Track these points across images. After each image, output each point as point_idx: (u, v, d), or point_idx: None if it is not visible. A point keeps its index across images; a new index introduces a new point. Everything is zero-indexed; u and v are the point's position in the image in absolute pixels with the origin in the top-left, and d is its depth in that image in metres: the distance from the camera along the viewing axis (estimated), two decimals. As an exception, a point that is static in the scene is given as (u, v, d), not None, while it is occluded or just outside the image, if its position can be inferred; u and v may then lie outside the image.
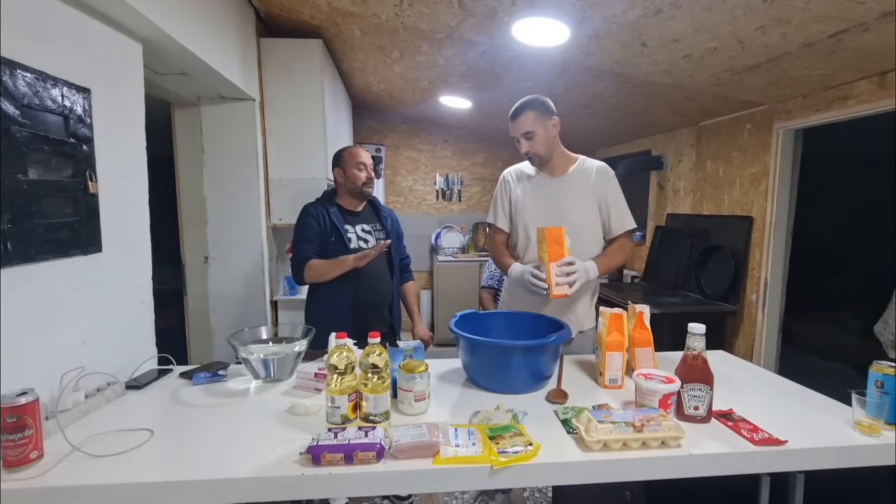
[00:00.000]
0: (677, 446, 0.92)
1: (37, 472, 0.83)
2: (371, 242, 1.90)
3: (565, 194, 1.59)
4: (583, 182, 1.59)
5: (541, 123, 1.52)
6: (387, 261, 1.94)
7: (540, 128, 1.52)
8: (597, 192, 1.59)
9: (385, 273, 1.93)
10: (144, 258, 1.40)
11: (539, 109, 1.52)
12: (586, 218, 1.59)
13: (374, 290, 1.87)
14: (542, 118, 1.52)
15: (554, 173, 1.62)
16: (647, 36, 1.89)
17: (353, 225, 1.89)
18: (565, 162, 1.62)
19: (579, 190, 1.59)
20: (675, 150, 3.55)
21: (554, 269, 1.38)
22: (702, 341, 1.05)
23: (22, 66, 0.97)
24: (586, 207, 1.59)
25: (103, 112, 1.21)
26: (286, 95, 2.41)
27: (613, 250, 1.60)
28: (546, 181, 1.63)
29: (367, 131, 4.54)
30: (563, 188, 1.60)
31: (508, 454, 0.87)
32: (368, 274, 1.83)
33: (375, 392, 1.00)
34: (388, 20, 2.12)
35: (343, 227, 1.85)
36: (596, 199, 1.59)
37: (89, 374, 1.10)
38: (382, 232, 1.96)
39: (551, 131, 1.55)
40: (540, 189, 1.63)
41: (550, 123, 1.54)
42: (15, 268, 0.94)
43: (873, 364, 1.00)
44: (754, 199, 2.78)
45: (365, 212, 1.96)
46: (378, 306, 1.90)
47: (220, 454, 0.91)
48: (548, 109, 1.54)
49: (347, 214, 1.90)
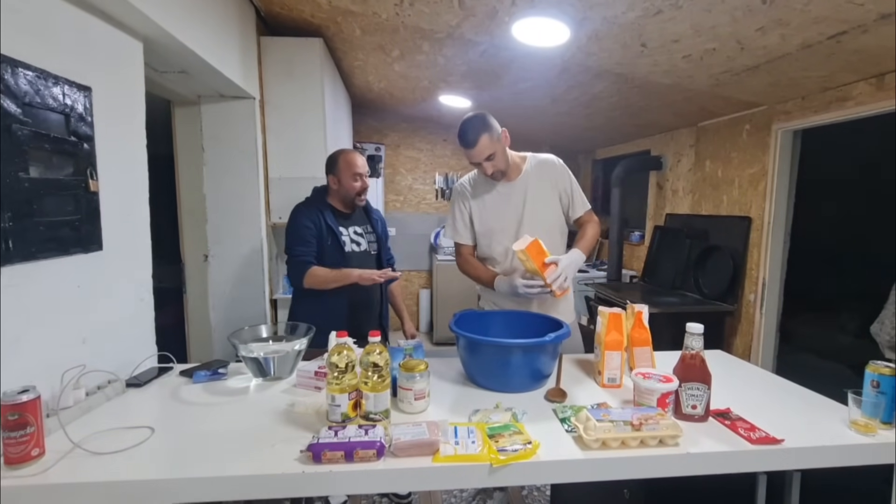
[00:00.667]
0: (675, 445, 0.93)
1: (38, 470, 0.83)
2: (363, 245, 1.89)
3: (526, 195, 1.62)
4: (539, 178, 1.64)
5: (496, 142, 1.53)
6: (376, 263, 1.94)
7: (497, 146, 1.54)
8: (554, 184, 1.64)
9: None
10: (145, 256, 1.41)
11: (489, 131, 1.52)
12: (550, 212, 1.64)
13: (367, 293, 1.85)
14: (494, 136, 1.53)
15: (510, 178, 1.64)
16: (647, 36, 1.90)
17: (347, 227, 1.88)
18: (518, 165, 1.65)
19: (538, 187, 1.63)
20: (674, 151, 3.56)
21: (548, 273, 1.41)
22: (700, 341, 1.05)
23: (23, 65, 0.97)
24: (548, 201, 1.64)
25: (104, 110, 1.21)
26: (286, 94, 2.41)
27: (586, 231, 1.65)
28: (505, 187, 1.64)
29: (366, 130, 4.54)
30: (523, 189, 1.63)
31: (508, 452, 0.88)
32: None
33: (376, 390, 1.00)
34: (388, 19, 2.12)
35: (338, 229, 1.83)
36: (555, 191, 1.64)
37: (90, 372, 1.10)
38: (373, 234, 1.95)
39: (503, 145, 1.57)
40: (500, 197, 1.65)
41: (501, 138, 1.56)
42: (16, 266, 0.94)
43: (869, 364, 1.01)
44: (753, 200, 2.79)
45: (356, 213, 1.94)
46: (370, 309, 1.90)
47: (221, 452, 0.91)
48: (495, 127, 1.54)
49: (340, 216, 1.88)
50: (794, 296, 2.74)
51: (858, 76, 2.09)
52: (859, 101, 2.14)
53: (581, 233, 1.66)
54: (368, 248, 1.91)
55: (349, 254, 1.83)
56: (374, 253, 1.94)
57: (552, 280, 1.41)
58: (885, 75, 2.02)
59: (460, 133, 1.54)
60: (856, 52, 1.82)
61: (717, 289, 2.94)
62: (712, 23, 1.71)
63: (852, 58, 1.87)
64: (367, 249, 1.91)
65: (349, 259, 1.82)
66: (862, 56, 1.85)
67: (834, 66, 1.98)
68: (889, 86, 2.00)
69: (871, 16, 1.52)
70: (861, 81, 2.12)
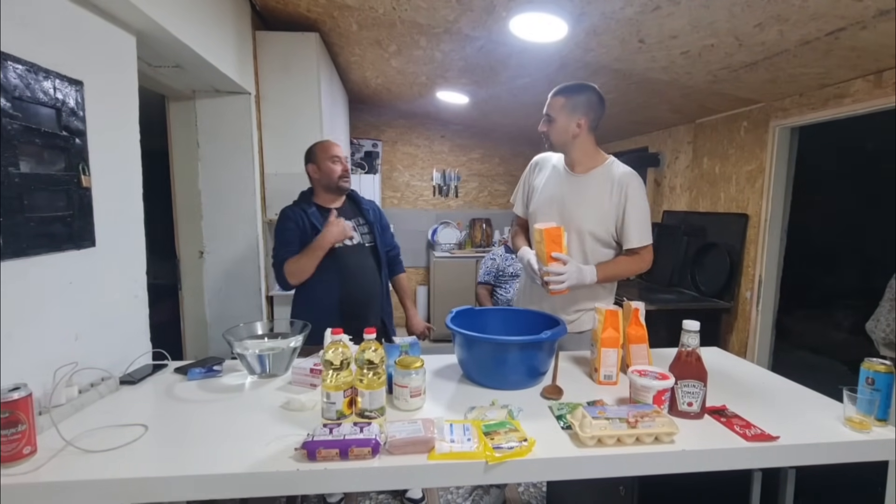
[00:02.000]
0: (671, 442, 0.93)
1: (30, 468, 0.83)
2: (357, 239, 1.85)
3: (581, 193, 1.53)
4: (603, 184, 1.51)
5: (566, 114, 1.47)
6: (373, 255, 1.89)
7: (562, 117, 1.48)
8: (616, 197, 1.50)
9: (371, 268, 1.88)
10: (138, 252, 1.39)
11: (569, 96, 1.47)
12: (597, 220, 1.51)
13: (360, 286, 1.82)
14: (569, 110, 1.47)
15: (575, 169, 1.56)
16: (646, 32, 1.89)
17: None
18: (590, 160, 1.55)
19: (596, 191, 1.51)
20: (671, 148, 3.55)
21: (551, 265, 1.38)
22: (696, 338, 1.05)
23: (13, 58, 0.96)
24: (599, 210, 1.50)
25: (96, 105, 1.20)
26: (282, 89, 2.39)
27: (623, 259, 1.53)
28: (565, 175, 1.58)
29: (363, 126, 4.52)
30: (581, 186, 1.54)
31: (503, 450, 0.88)
32: (353, 271, 1.81)
33: (371, 388, 1.00)
34: (385, 14, 2.10)
35: (323, 226, 1.78)
36: (612, 204, 1.50)
37: (83, 370, 1.09)
38: (366, 226, 1.90)
39: (572, 127, 1.48)
40: (558, 181, 1.59)
41: (575, 120, 1.48)
42: (7, 262, 0.93)
43: (865, 361, 1.01)
44: (750, 197, 2.79)
45: (345, 208, 1.89)
46: (366, 303, 1.85)
47: (215, 449, 0.91)
48: (581, 100, 1.47)
49: (327, 213, 1.82)
50: (790, 293, 2.75)
51: (856, 73, 2.09)
52: (857, 98, 2.14)
53: (616, 258, 1.54)
54: (362, 240, 1.87)
55: (338, 249, 1.79)
56: (368, 245, 1.89)
57: (547, 273, 1.37)
58: (883, 72, 2.01)
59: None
60: (854, 49, 1.81)
61: (714, 286, 2.94)
62: (711, 18, 1.70)
63: (850, 54, 1.87)
64: (361, 242, 1.87)
65: (339, 255, 1.79)
66: (860, 53, 1.84)
67: (832, 63, 1.98)
68: (887, 83, 2.00)
69: (869, 12, 1.52)
70: (859, 78, 2.12)
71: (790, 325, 2.96)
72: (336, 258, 1.78)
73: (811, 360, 3.12)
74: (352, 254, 1.83)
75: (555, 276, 1.37)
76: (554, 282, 1.38)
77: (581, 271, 1.42)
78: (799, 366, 2.86)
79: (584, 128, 1.50)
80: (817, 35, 1.72)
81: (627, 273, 1.55)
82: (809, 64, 2.01)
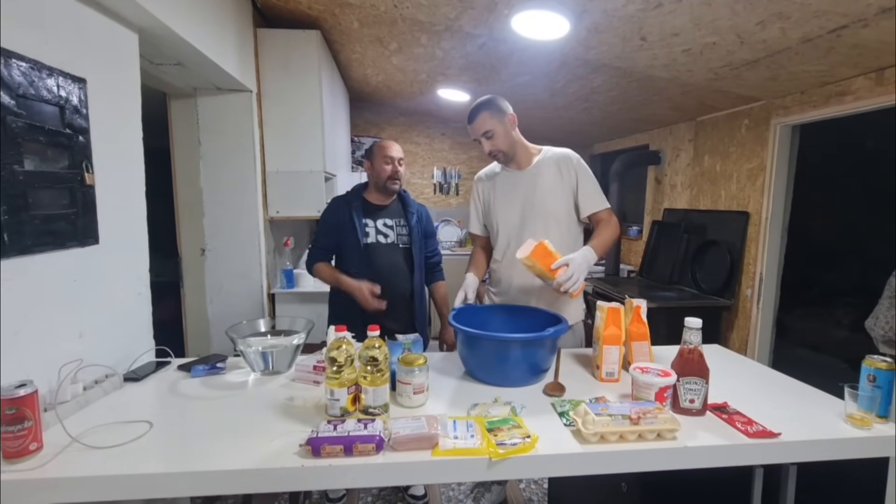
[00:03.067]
0: (673, 439, 0.94)
1: (36, 464, 0.83)
2: (391, 237, 1.87)
3: (534, 185, 1.59)
4: (550, 170, 1.58)
5: (497, 121, 1.53)
6: (405, 258, 1.89)
7: (497, 125, 1.53)
8: (565, 177, 1.58)
9: (402, 270, 1.88)
10: (141, 250, 1.40)
11: (492, 109, 1.53)
12: (559, 205, 1.58)
13: (388, 285, 1.81)
14: (497, 116, 1.54)
15: (520, 167, 1.62)
16: (647, 30, 1.89)
17: (375, 219, 1.86)
18: (529, 154, 1.62)
19: (547, 178, 1.58)
20: (672, 145, 3.55)
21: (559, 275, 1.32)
22: (698, 335, 1.06)
23: (17, 56, 0.96)
24: (557, 194, 1.57)
25: (99, 102, 1.20)
26: (283, 87, 2.39)
27: (601, 229, 1.56)
28: (513, 175, 1.63)
29: (364, 124, 4.52)
30: (531, 179, 1.59)
31: (506, 446, 0.88)
32: (382, 271, 1.82)
33: (374, 385, 1.00)
34: (386, 11, 2.10)
35: (362, 220, 1.83)
36: (566, 185, 1.58)
37: (87, 367, 1.10)
38: (406, 227, 1.91)
39: (509, 127, 1.56)
40: (508, 184, 1.63)
41: (507, 120, 1.55)
42: (11, 259, 0.93)
43: (866, 358, 1.02)
44: (751, 195, 2.79)
45: (392, 206, 1.92)
46: (394, 303, 1.82)
47: (220, 446, 0.91)
48: (501, 107, 1.55)
49: (371, 208, 1.88)
50: (790, 290, 2.75)
51: (858, 71, 2.08)
52: (858, 96, 2.14)
53: (596, 232, 1.56)
54: (397, 240, 1.88)
55: (370, 245, 1.82)
56: (402, 246, 1.89)
57: (564, 281, 1.30)
58: (884, 70, 2.01)
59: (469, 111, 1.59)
60: (855, 47, 1.81)
61: (715, 284, 2.95)
62: (712, 16, 1.70)
63: (852, 52, 1.87)
64: (395, 242, 1.87)
65: (370, 251, 1.82)
66: (861, 50, 1.84)
67: (833, 61, 1.98)
68: (888, 80, 2.00)
69: (871, 10, 1.52)
70: (860, 76, 2.12)
71: (790, 322, 2.97)
72: (366, 255, 1.82)
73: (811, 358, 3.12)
74: (382, 251, 1.85)
75: (568, 282, 1.32)
76: (570, 287, 1.32)
77: (583, 257, 1.38)
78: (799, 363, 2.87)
79: (515, 122, 1.58)
80: (819, 33, 1.72)
81: (610, 240, 1.54)
82: (811, 61, 2.01)
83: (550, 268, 1.32)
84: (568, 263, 1.34)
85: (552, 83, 2.84)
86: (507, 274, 1.63)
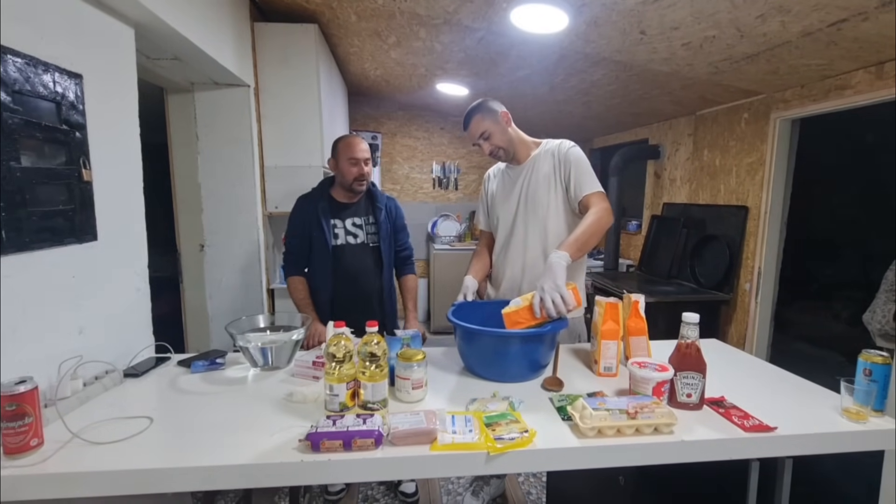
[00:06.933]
0: (670, 433, 0.94)
1: (37, 460, 0.84)
2: (360, 237, 1.84)
3: (530, 177, 1.60)
4: (545, 162, 1.59)
5: (491, 121, 1.56)
6: (374, 258, 1.88)
7: (491, 125, 1.55)
8: (559, 166, 1.56)
9: (369, 269, 1.86)
10: (140, 246, 1.40)
11: (483, 110, 1.56)
12: (550, 197, 1.56)
13: (354, 287, 1.83)
14: (490, 116, 1.56)
15: (520, 161, 1.64)
16: (647, 23, 1.87)
17: (343, 219, 1.83)
18: (528, 148, 1.64)
19: (543, 169, 1.58)
20: (672, 140, 3.54)
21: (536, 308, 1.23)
22: (695, 330, 1.06)
23: (12, 51, 0.95)
24: (551, 185, 1.57)
25: (96, 98, 1.19)
26: (281, 81, 2.37)
27: (587, 219, 1.42)
28: (513, 170, 1.66)
29: (363, 118, 4.50)
30: (528, 171, 1.61)
31: (504, 441, 0.89)
32: (348, 271, 1.82)
33: (373, 380, 1.01)
34: (384, 5, 2.09)
35: (329, 221, 1.79)
36: (560, 173, 1.56)
37: (87, 363, 1.10)
38: (375, 226, 1.87)
39: (504, 125, 1.57)
40: (508, 179, 1.67)
41: (500, 118, 1.57)
42: (10, 256, 0.93)
43: (862, 352, 1.02)
44: (750, 189, 2.79)
45: (359, 203, 1.87)
46: (361, 303, 1.84)
47: (220, 441, 0.92)
48: (492, 107, 1.57)
49: (338, 207, 1.83)
50: (789, 285, 2.76)
51: (858, 64, 2.08)
52: (858, 90, 2.13)
53: (581, 223, 1.42)
54: (367, 240, 1.86)
55: (339, 247, 1.81)
56: (372, 245, 1.87)
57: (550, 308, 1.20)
58: (884, 63, 2.01)
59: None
60: (855, 41, 1.80)
61: (714, 278, 2.95)
62: (712, 10, 1.69)
63: (852, 46, 1.86)
64: (365, 241, 1.86)
65: (339, 253, 1.81)
66: (861, 44, 1.83)
67: (833, 54, 1.97)
68: (888, 74, 1.99)
69: (871, 3, 1.51)
70: (860, 70, 2.11)
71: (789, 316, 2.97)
72: (334, 257, 1.80)
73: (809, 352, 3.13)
74: (351, 253, 1.83)
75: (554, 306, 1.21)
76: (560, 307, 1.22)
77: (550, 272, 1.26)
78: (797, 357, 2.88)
79: (509, 118, 1.59)
80: (819, 26, 1.71)
81: (593, 226, 1.40)
82: (811, 55, 2.00)
83: (530, 318, 1.24)
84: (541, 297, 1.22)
85: (551, 77, 2.82)
86: (503, 269, 1.66)
